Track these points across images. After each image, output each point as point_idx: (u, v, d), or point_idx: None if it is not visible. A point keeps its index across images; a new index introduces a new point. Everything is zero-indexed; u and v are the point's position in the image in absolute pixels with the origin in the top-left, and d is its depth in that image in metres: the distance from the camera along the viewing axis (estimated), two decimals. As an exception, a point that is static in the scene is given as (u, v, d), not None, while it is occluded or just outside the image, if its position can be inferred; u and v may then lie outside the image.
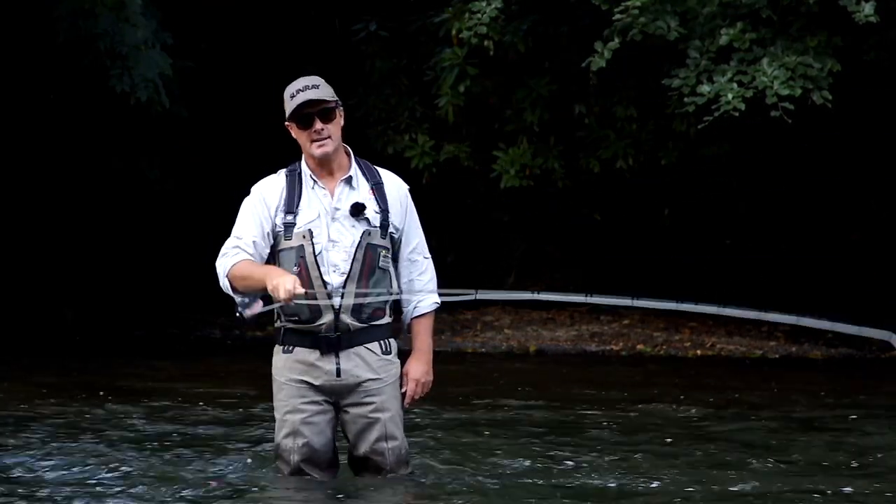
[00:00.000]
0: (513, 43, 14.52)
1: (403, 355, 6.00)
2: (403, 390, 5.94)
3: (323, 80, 5.90)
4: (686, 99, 13.02)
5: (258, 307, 5.71)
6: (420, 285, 5.97)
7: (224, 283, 5.80)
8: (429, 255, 6.05)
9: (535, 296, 5.86)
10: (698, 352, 14.93)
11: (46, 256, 16.32)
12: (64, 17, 13.13)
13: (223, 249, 5.84)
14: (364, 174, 5.94)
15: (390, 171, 6.09)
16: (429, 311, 6.00)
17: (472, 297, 5.95)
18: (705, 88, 12.85)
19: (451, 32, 14.46)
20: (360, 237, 5.82)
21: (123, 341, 15.12)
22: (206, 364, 13.11)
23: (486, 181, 15.59)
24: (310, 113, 5.82)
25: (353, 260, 5.80)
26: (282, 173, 5.94)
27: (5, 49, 13.91)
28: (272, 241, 5.86)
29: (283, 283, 5.57)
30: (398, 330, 6.01)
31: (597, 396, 10.90)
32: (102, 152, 15.78)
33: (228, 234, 5.91)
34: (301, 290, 5.61)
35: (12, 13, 13.42)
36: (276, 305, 5.68)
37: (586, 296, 5.68)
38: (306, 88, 5.83)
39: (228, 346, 15.26)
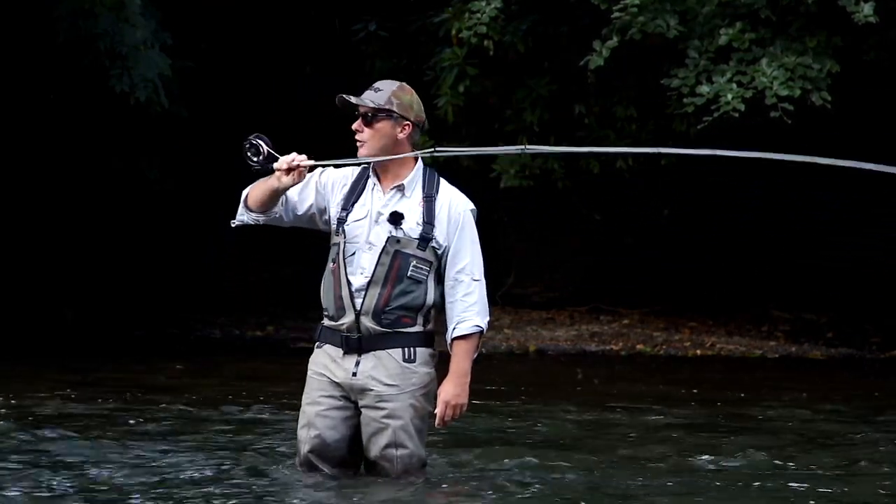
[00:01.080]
0: (512, 43, 14.51)
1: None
2: (436, 410, 5.91)
3: (394, 88, 5.98)
4: (685, 99, 13.03)
5: (247, 218, 6.01)
6: (463, 307, 5.90)
7: (243, 195, 6.01)
8: (479, 278, 5.94)
9: (592, 149, 6.14)
10: (698, 352, 14.93)
11: (46, 256, 16.31)
12: (64, 17, 13.12)
13: None
14: (424, 185, 6.01)
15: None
16: (467, 333, 5.90)
17: (520, 151, 6.19)
18: (704, 89, 12.86)
19: (451, 32, 14.46)
20: (386, 242, 5.85)
21: (123, 341, 15.11)
22: (206, 364, 13.10)
23: (486, 181, 15.58)
24: (356, 112, 5.95)
25: (378, 264, 5.85)
26: (358, 169, 6.03)
27: (5, 49, 13.90)
28: (310, 212, 5.98)
29: (285, 157, 5.80)
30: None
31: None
32: (102, 152, 15.77)
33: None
34: (306, 162, 5.81)
35: (12, 13, 13.41)
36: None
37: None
38: (370, 88, 5.97)
39: (228, 346, 15.26)
